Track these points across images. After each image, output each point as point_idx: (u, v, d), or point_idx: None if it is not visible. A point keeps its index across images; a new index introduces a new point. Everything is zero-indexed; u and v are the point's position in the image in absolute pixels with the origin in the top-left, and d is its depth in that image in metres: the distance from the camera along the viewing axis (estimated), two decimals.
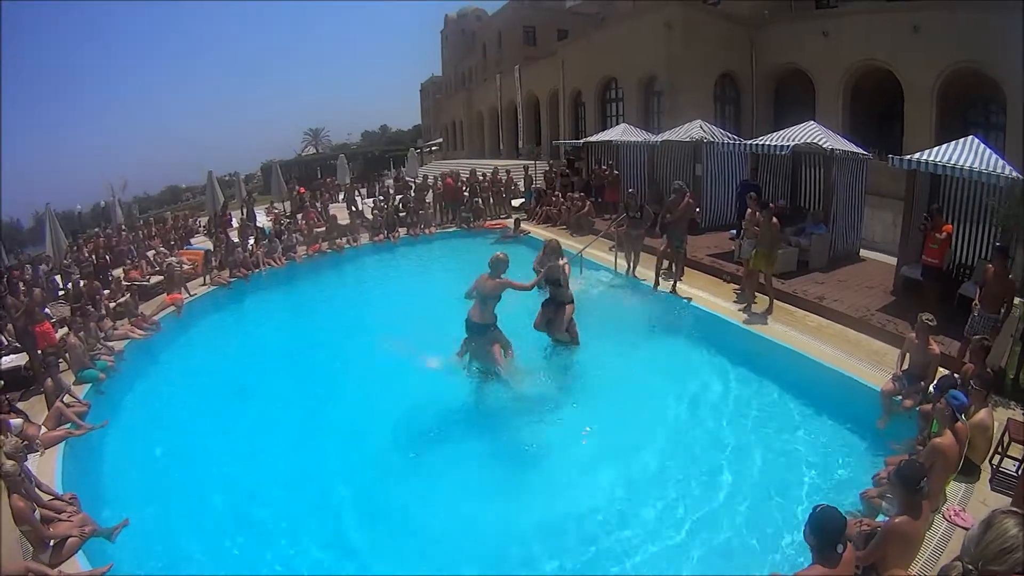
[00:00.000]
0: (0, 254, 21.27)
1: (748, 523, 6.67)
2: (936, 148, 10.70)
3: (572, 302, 10.31)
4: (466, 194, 24.96)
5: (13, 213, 68.83)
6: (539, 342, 10.64)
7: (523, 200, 25.11)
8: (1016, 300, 8.76)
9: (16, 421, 9.13)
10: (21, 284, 15.77)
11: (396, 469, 8.24)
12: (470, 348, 9.54)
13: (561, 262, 10.03)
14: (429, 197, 25.76)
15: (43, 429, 9.31)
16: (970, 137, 10.65)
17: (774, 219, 11.42)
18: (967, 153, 10.19)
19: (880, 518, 5.68)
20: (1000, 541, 2.08)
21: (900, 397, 7.78)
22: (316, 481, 8.26)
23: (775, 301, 11.57)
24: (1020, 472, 6.30)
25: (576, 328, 10.46)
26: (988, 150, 10.30)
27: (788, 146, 13.68)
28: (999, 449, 6.59)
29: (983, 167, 9.81)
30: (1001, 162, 10.05)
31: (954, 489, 6.14)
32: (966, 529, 5.33)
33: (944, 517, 5.72)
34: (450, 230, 23.67)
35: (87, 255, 20.89)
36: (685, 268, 13.55)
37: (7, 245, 23.42)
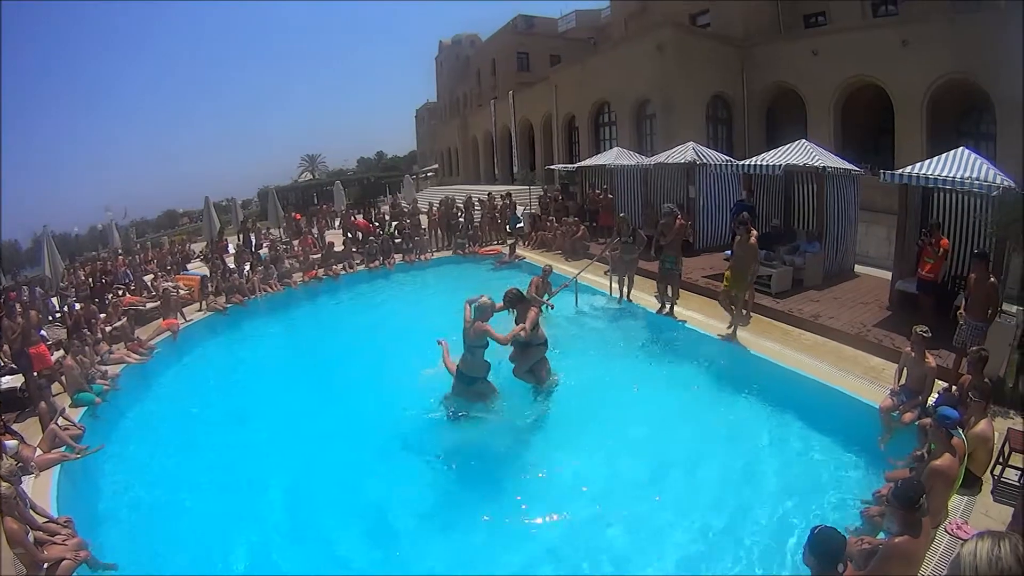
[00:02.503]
0: None
1: (747, 542, 6.63)
2: (927, 161, 10.69)
3: (543, 344, 9.92)
4: (461, 220, 24.99)
5: (11, 234, 68.87)
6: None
7: (520, 224, 25.11)
8: (1015, 308, 8.78)
9: (11, 443, 9.11)
10: (18, 305, 15.77)
11: (391, 496, 8.19)
12: (455, 390, 9.40)
13: (530, 313, 9.68)
14: (425, 223, 25.78)
15: (38, 451, 9.31)
16: (961, 148, 10.63)
17: (751, 238, 11.30)
18: (958, 164, 10.18)
19: (881, 535, 5.59)
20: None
21: (898, 412, 7.72)
22: (309, 505, 8.23)
23: (775, 322, 11.59)
24: (1022, 482, 6.26)
25: (547, 371, 10.13)
26: (979, 160, 10.27)
27: (780, 165, 13.70)
28: (1000, 459, 6.53)
29: (974, 177, 9.78)
30: (993, 171, 10.01)
31: (956, 502, 6.07)
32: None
33: (946, 531, 5.68)
34: (446, 256, 23.65)
35: (84, 278, 20.93)
36: (681, 291, 13.50)
37: (4, 267, 23.46)
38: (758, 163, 14.44)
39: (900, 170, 10.83)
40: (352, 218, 28.46)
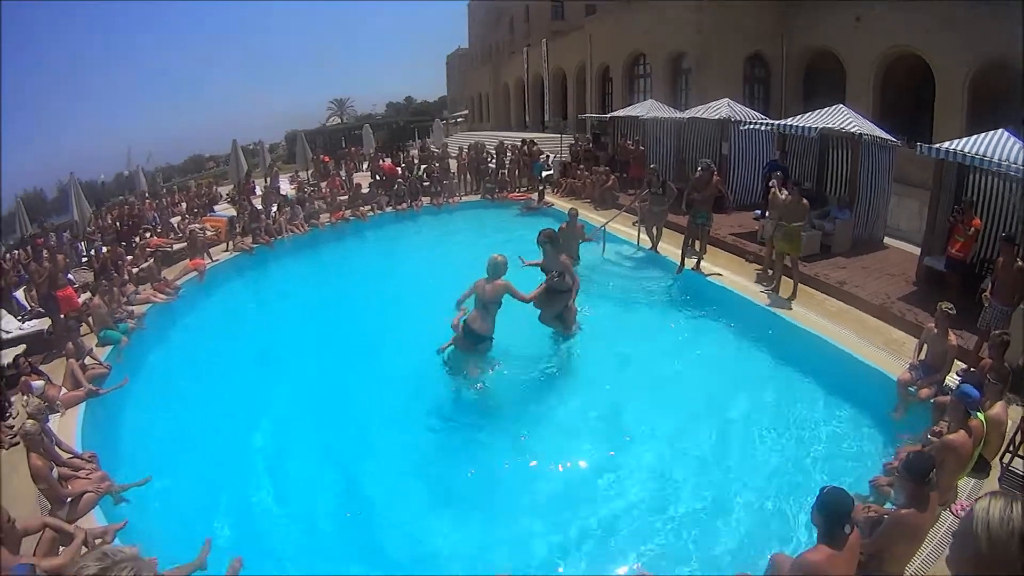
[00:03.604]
0: (23, 221, 21.54)
1: (754, 505, 6.73)
2: (966, 139, 10.39)
3: (568, 290, 9.77)
4: (491, 165, 24.98)
5: (37, 183, 68.97)
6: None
7: (549, 172, 25.06)
8: None
9: (38, 383, 9.46)
10: (44, 251, 16.07)
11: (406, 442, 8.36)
12: (459, 347, 9.30)
13: (561, 258, 9.70)
14: (454, 167, 25.77)
15: (64, 390, 9.51)
16: (1001, 131, 10.29)
17: (803, 200, 11.30)
18: (997, 146, 9.88)
19: (888, 505, 5.66)
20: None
21: (915, 387, 7.72)
22: (330, 447, 8.39)
23: (799, 285, 11.46)
24: None
25: (573, 316, 10.22)
26: (1019, 144, 9.90)
27: (816, 128, 13.53)
28: (1010, 448, 6.47)
29: (1013, 161, 9.56)
30: None
31: (964, 484, 6.11)
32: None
33: (951, 512, 5.69)
34: (474, 200, 23.71)
35: (111, 222, 21.17)
36: (708, 246, 13.54)
37: (31, 214, 23.71)
38: (795, 124, 14.25)
39: (938, 144, 10.63)
40: (380, 161, 28.51)
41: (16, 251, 19.07)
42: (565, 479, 7.39)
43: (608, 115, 26.83)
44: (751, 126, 16.55)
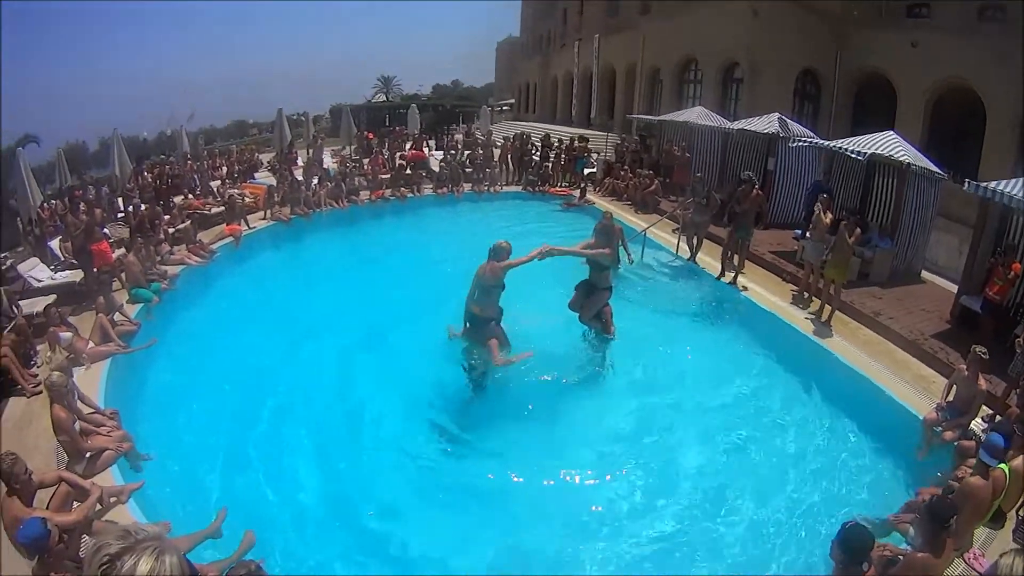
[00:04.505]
0: (64, 172, 21.88)
1: (771, 529, 6.79)
2: (1014, 181, 10.12)
3: (608, 289, 9.95)
4: (536, 157, 25.07)
5: (79, 136, 69.43)
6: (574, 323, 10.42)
7: (592, 170, 25.09)
8: None
9: (66, 335, 9.57)
10: (82, 204, 16.31)
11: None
12: (469, 335, 9.42)
13: (606, 250, 9.78)
14: (496, 156, 25.87)
15: (91, 344, 9.66)
16: None
17: (857, 229, 11.28)
18: None
19: (903, 546, 5.70)
20: None
21: (940, 428, 7.69)
22: (353, 415, 8.66)
23: (836, 312, 11.45)
24: None
25: (610, 317, 10.19)
26: None
27: (865, 153, 13.47)
28: None
29: None
30: None
31: (979, 533, 6.05)
32: (979, 573, 5.46)
33: (964, 560, 5.72)
34: (515, 191, 23.82)
35: (150, 181, 21.46)
36: (747, 262, 13.63)
37: (71, 165, 24.05)
38: (845, 147, 14.20)
39: (985, 184, 10.39)
40: (408, 146, 28.49)
41: (54, 201, 19.31)
42: (579, 487, 7.48)
43: (657, 118, 26.80)
44: (800, 143, 16.48)
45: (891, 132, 14.52)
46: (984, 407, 7.91)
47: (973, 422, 7.63)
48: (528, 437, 8.20)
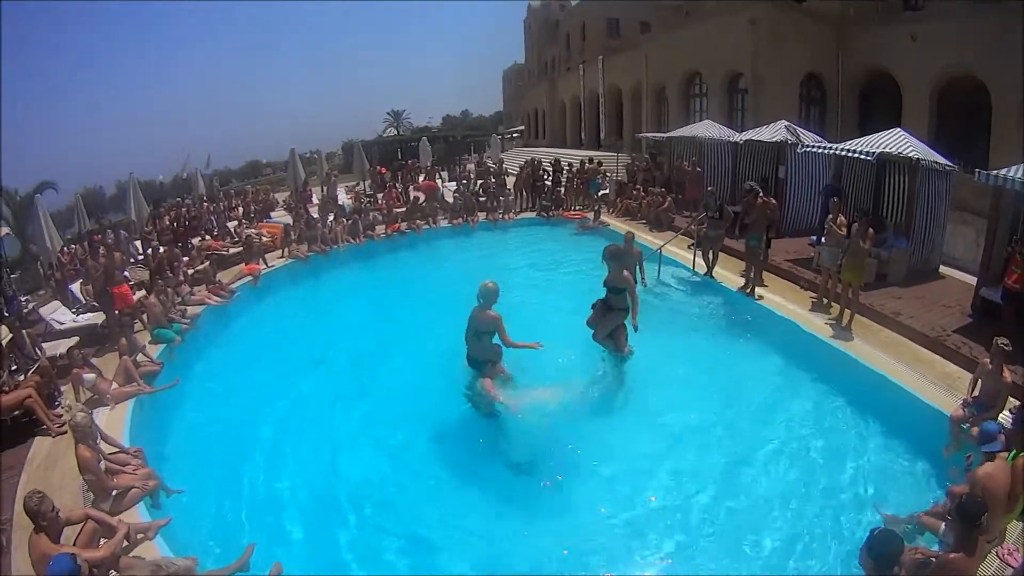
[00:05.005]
0: (82, 217, 22.29)
1: (797, 542, 6.74)
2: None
3: (624, 310, 9.73)
4: (548, 182, 25.23)
5: (96, 181, 70.82)
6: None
7: (605, 191, 25.19)
8: None
9: (89, 376, 9.71)
10: (101, 248, 16.47)
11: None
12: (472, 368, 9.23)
13: (624, 274, 9.63)
14: (510, 183, 26.03)
15: (114, 385, 9.82)
16: None
17: (871, 230, 11.23)
18: None
19: (935, 547, 5.65)
20: None
21: (968, 424, 7.56)
22: (379, 448, 8.71)
23: (855, 316, 11.38)
24: None
25: (625, 338, 10.01)
26: None
27: (874, 153, 13.40)
28: None
29: None
30: None
31: (1015, 528, 5.93)
32: (1014, 568, 5.42)
33: (998, 557, 5.63)
34: (529, 217, 23.95)
35: (168, 223, 21.80)
36: (764, 272, 13.65)
37: (89, 210, 24.57)
38: (853, 149, 14.12)
39: (996, 171, 10.25)
40: (422, 178, 28.82)
41: (74, 246, 19.72)
42: (592, 505, 7.47)
43: (665, 135, 26.92)
44: (809, 149, 16.49)
45: (898, 129, 14.45)
46: (1011, 399, 7.73)
47: (1000, 415, 7.46)
48: (544, 458, 8.25)
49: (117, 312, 12.45)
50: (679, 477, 7.92)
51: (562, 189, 24.91)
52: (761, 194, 13.41)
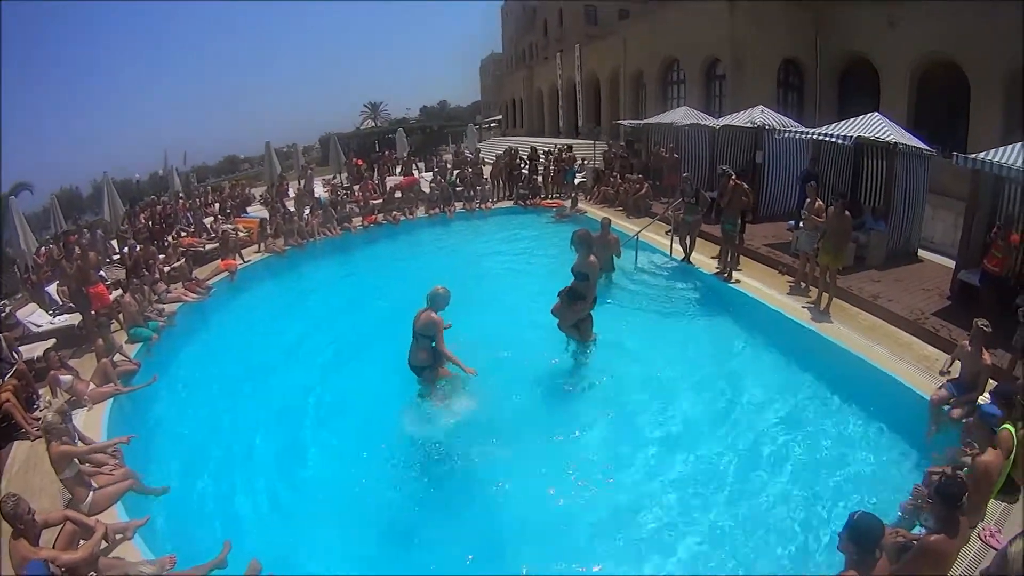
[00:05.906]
0: (58, 218, 22.03)
1: (777, 522, 6.69)
2: (1003, 148, 9.99)
3: (584, 299, 9.60)
4: (524, 171, 25.06)
5: (72, 181, 70.58)
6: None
7: (583, 179, 25.10)
8: None
9: (66, 378, 9.60)
10: (76, 248, 16.34)
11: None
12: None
13: (591, 259, 9.48)
14: (487, 172, 25.91)
15: (92, 386, 9.73)
16: None
17: (846, 212, 11.12)
18: None
19: (917, 530, 5.61)
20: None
21: (949, 407, 7.57)
22: (354, 449, 8.45)
23: (833, 299, 11.33)
24: None
25: (590, 327, 9.99)
26: None
27: (851, 137, 13.39)
28: None
29: None
30: None
31: (992, 507, 5.91)
32: (996, 549, 5.29)
33: (979, 537, 5.60)
34: (507, 206, 23.85)
35: (144, 221, 21.61)
36: (742, 257, 13.59)
37: (65, 211, 24.31)
38: (829, 133, 14.08)
39: (974, 155, 10.24)
40: (399, 170, 28.80)
41: (50, 246, 19.54)
42: (563, 500, 7.31)
43: (642, 122, 26.83)
44: (786, 134, 16.38)
45: (876, 114, 14.39)
46: (991, 381, 7.67)
47: (981, 397, 7.41)
48: (520, 447, 8.12)
49: (94, 312, 12.32)
50: (654, 462, 7.83)
51: (539, 177, 24.78)
52: (735, 177, 13.26)
